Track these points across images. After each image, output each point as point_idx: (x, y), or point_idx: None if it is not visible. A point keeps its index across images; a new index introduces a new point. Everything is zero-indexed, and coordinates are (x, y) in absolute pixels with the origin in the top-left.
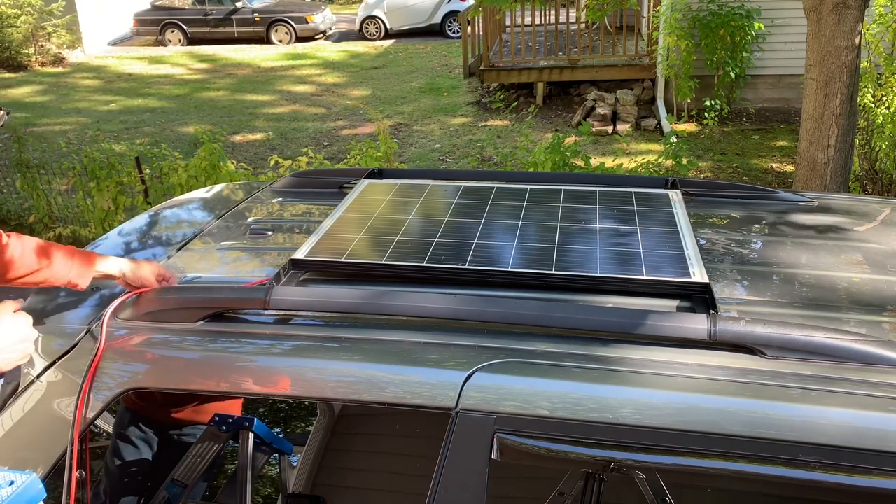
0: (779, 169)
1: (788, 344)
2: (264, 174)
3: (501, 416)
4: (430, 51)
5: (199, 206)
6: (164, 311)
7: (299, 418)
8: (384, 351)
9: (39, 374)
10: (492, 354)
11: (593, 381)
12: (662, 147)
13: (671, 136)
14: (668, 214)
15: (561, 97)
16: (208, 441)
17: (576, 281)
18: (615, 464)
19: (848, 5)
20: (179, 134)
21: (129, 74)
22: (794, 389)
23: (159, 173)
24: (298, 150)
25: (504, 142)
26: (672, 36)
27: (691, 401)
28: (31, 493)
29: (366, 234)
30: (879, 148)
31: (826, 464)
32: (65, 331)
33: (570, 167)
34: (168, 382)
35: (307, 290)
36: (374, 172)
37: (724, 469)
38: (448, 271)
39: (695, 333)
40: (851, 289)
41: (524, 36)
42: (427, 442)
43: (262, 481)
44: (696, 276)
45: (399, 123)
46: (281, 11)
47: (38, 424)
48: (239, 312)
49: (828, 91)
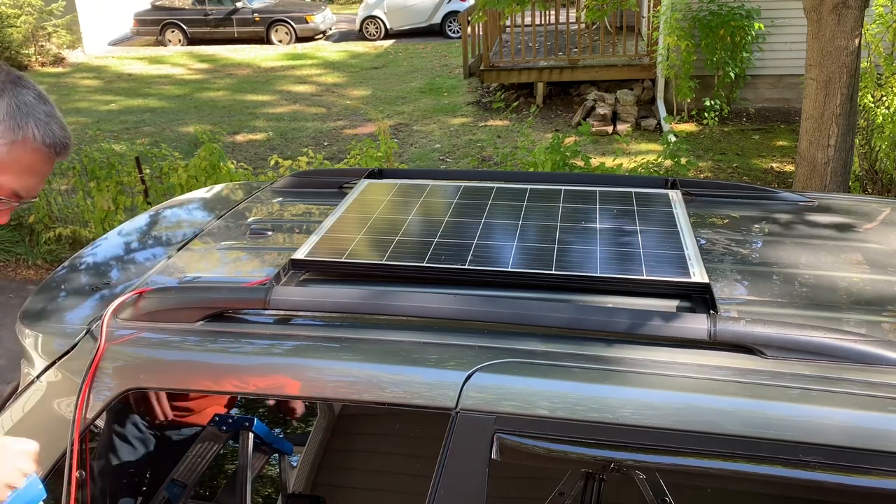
0: (779, 169)
1: (788, 344)
2: (264, 174)
3: (501, 416)
4: (430, 51)
5: (199, 206)
6: (164, 311)
7: (299, 418)
8: (384, 351)
9: (39, 374)
10: (492, 354)
11: (593, 381)
12: (662, 147)
13: (669, 136)
14: (668, 214)
15: (561, 97)
16: (208, 441)
17: (576, 281)
18: (615, 464)
19: (848, 5)
20: (179, 134)
21: (129, 74)
22: (793, 389)
23: (159, 173)
24: (298, 150)
25: (504, 142)
26: (672, 36)
27: (691, 401)
28: (31, 493)
29: (366, 234)
30: (879, 148)
31: (826, 464)
32: (65, 331)
33: (570, 167)
34: (168, 382)
35: (307, 290)
36: (374, 172)
37: (724, 469)
38: (448, 271)
39: (695, 333)
40: (851, 289)
41: (524, 36)
42: (427, 442)
43: (262, 481)
44: (695, 276)
45: (399, 123)
46: (281, 11)
47: (38, 424)
48: (239, 312)
49: (828, 91)
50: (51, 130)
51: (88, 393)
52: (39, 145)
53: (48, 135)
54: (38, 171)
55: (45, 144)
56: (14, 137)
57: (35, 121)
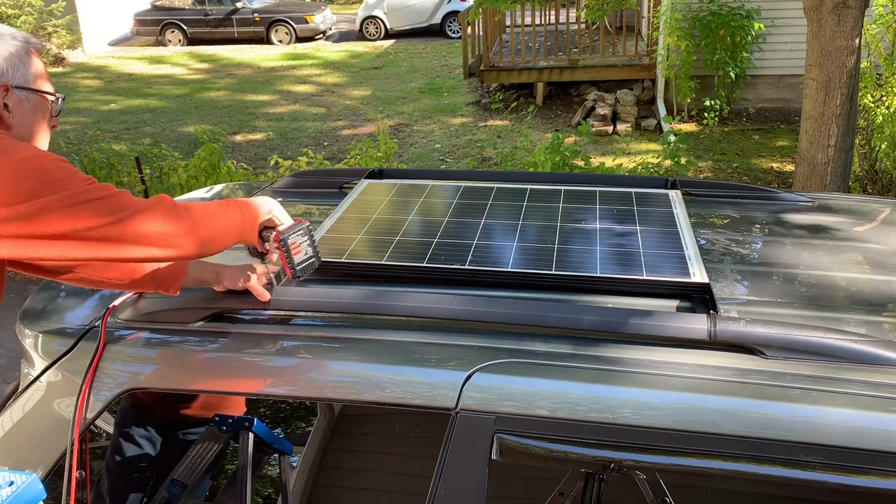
0: (779, 169)
1: (788, 344)
2: (264, 174)
3: (501, 416)
4: (430, 51)
5: None
6: (164, 311)
7: (299, 418)
8: (384, 351)
9: (39, 374)
10: (492, 354)
11: (593, 381)
12: (662, 147)
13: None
14: (668, 214)
15: (561, 97)
16: (208, 441)
17: (576, 281)
18: (615, 464)
19: (848, 5)
20: (180, 134)
21: (130, 74)
22: (793, 389)
23: (159, 173)
24: (298, 150)
25: (504, 142)
26: (672, 36)
27: (691, 401)
28: (31, 493)
29: (366, 235)
30: (879, 148)
31: (826, 464)
32: (65, 331)
33: (570, 167)
34: (168, 382)
35: (307, 290)
36: (374, 172)
37: (724, 469)
38: (448, 271)
39: (695, 333)
40: (851, 289)
41: (524, 36)
42: (427, 442)
43: (262, 481)
44: (695, 276)
45: (399, 123)
46: (281, 11)
47: (38, 424)
48: (239, 312)
49: (828, 91)
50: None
51: (88, 393)
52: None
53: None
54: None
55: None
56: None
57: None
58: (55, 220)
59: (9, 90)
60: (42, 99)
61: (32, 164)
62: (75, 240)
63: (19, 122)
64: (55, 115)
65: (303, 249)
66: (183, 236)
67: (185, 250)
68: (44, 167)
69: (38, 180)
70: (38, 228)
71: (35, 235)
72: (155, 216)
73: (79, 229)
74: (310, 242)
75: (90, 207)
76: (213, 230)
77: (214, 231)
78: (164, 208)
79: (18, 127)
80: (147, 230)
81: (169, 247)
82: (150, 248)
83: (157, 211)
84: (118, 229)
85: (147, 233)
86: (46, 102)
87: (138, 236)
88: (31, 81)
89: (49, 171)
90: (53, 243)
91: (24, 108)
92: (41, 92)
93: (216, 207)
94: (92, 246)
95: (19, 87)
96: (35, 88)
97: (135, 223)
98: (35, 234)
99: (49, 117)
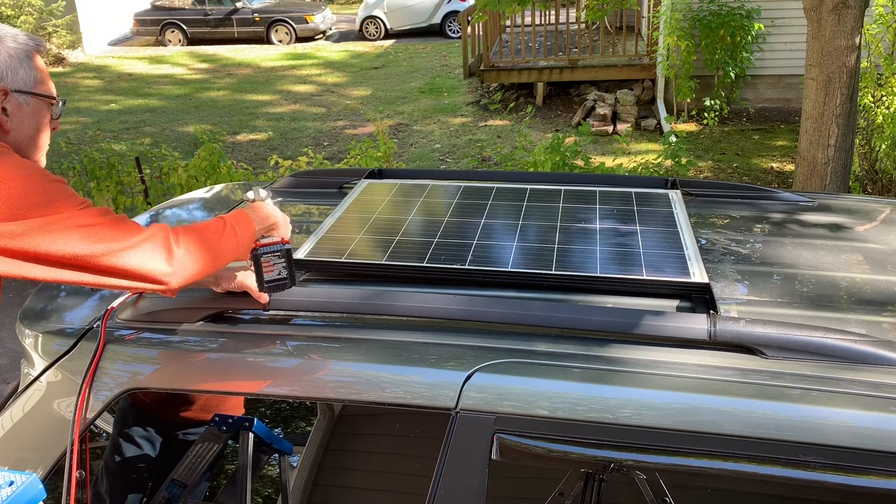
0: (779, 169)
1: (788, 344)
2: (264, 174)
3: (501, 416)
4: (430, 51)
5: (199, 206)
6: (164, 311)
7: (299, 418)
8: (384, 351)
9: (39, 374)
10: (492, 354)
11: (593, 381)
12: (662, 147)
13: (669, 136)
14: (668, 214)
15: (561, 97)
16: (208, 441)
17: (576, 281)
18: (615, 464)
19: (848, 5)
20: (180, 134)
21: (130, 74)
22: (793, 389)
23: (159, 173)
24: (298, 150)
25: (504, 142)
26: (672, 36)
27: (691, 401)
28: (31, 493)
29: (366, 235)
30: (879, 148)
31: (826, 464)
32: (65, 331)
33: (570, 167)
34: (168, 382)
35: (307, 290)
36: (374, 172)
37: (724, 469)
38: (448, 271)
39: (695, 333)
40: (851, 289)
41: (524, 36)
42: (427, 442)
43: (262, 481)
44: (696, 276)
45: (399, 123)
46: (281, 11)
47: (38, 424)
48: (239, 312)
49: (828, 91)
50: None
51: (88, 393)
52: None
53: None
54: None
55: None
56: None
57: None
58: (43, 244)
59: (7, 94)
60: (42, 102)
61: (28, 182)
62: (60, 266)
63: (18, 126)
64: (56, 118)
65: (276, 269)
66: (171, 275)
67: (171, 286)
68: (39, 187)
69: (32, 200)
70: (25, 249)
71: (22, 255)
72: (145, 253)
73: (65, 256)
74: (285, 264)
75: (80, 234)
76: (204, 263)
77: (205, 263)
78: (157, 244)
79: (17, 131)
80: (135, 266)
81: (155, 283)
82: (134, 283)
83: (149, 248)
84: (105, 261)
85: (134, 270)
86: (46, 106)
87: (125, 272)
88: (31, 85)
89: (44, 192)
90: (38, 266)
91: (23, 111)
92: (41, 96)
93: (213, 234)
94: (77, 273)
95: (19, 90)
96: (35, 92)
97: (124, 258)
98: (22, 254)
99: (49, 121)
